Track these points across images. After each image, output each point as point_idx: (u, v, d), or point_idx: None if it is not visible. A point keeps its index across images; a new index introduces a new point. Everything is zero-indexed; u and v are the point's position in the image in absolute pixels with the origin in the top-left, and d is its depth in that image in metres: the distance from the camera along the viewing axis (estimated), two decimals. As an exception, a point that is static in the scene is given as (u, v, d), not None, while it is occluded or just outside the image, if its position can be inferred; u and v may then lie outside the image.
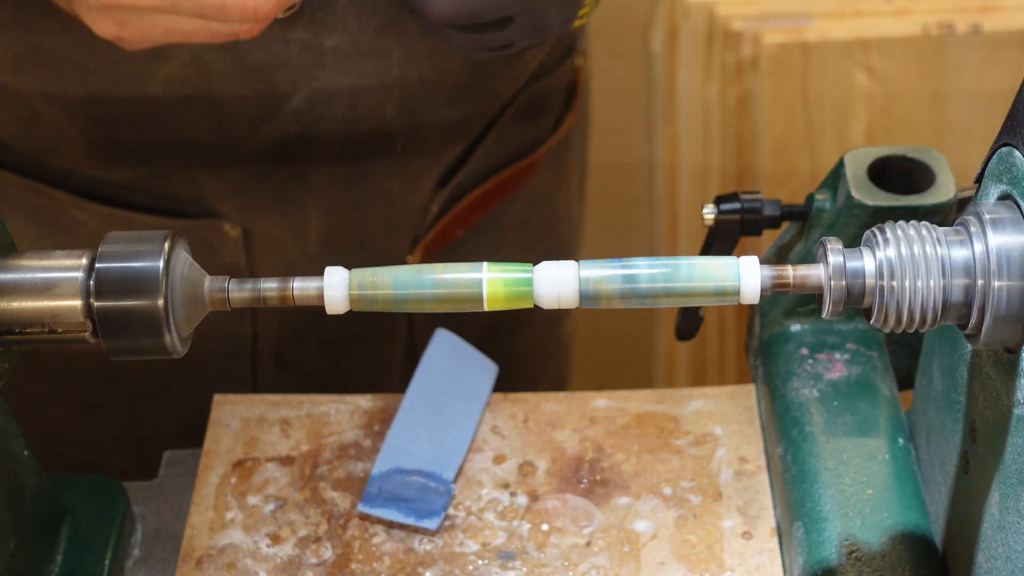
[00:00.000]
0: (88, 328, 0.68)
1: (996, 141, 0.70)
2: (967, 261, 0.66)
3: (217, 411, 0.96)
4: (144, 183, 1.06)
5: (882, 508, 0.82)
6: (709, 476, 0.91)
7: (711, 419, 0.95)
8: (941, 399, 0.79)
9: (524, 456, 0.93)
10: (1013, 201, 0.67)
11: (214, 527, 0.89)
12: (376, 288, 0.68)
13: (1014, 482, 0.68)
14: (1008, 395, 0.68)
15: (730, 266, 0.67)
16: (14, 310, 0.68)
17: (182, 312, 0.69)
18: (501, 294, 0.68)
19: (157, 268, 0.68)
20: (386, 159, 1.08)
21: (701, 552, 0.86)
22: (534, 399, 0.97)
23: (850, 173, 0.89)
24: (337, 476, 0.92)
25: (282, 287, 0.69)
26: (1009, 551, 0.69)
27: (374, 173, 1.10)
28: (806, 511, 0.83)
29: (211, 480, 0.92)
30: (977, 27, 1.56)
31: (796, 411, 0.88)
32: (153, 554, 0.90)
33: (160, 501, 0.93)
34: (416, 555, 0.87)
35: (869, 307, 0.68)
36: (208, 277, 0.70)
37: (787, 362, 0.92)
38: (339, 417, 0.96)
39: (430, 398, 0.95)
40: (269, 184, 1.07)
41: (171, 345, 0.68)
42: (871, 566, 0.79)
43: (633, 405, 0.96)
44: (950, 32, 1.56)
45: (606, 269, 0.68)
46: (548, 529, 0.88)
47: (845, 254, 0.67)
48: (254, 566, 0.87)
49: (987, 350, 0.70)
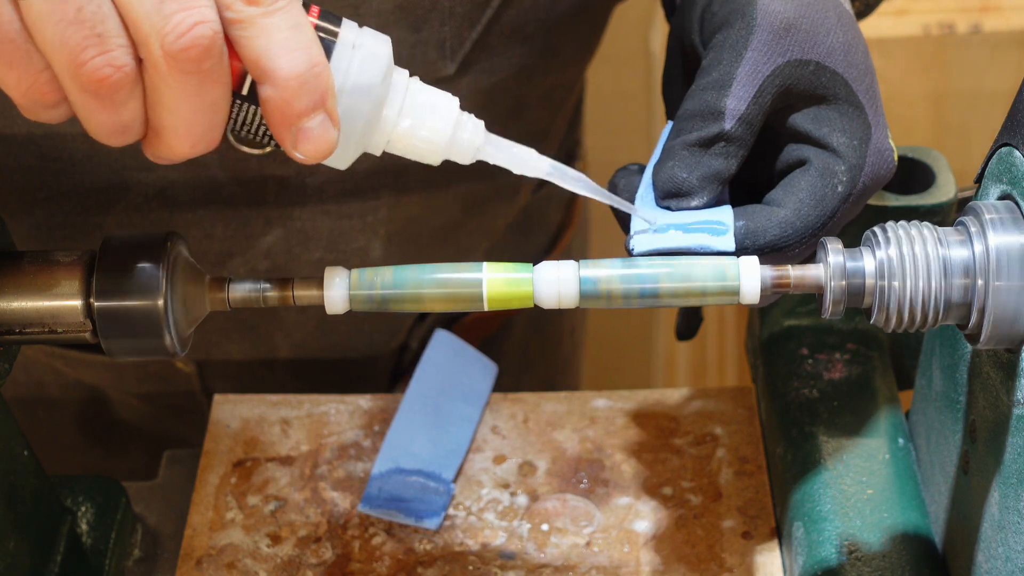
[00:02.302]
0: (88, 328, 0.68)
1: (996, 141, 0.70)
2: (967, 261, 0.66)
3: (217, 411, 0.96)
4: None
5: (882, 508, 0.82)
6: (709, 476, 0.91)
7: (711, 419, 0.95)
8: (941, 399, 0.79)
9: (524, 456, 0.93)
10: (1013, 201, 0.67)
11: (214, 527, 0.89)
12: (376, 288, 0.68)
13: (1014, 482, 0.68)
14: (1008, 395, 0.68)
15: (730, 266, 0.67)
16: (14, 310, 0.68)
17: (182, 312, 0.69)
18: (501, 294, 0.68)
19: (157, 268, 0.68)
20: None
21: (701, 552, 0.86)
22: (534, 399, 0.97)
23: (850, 173, 0.89)
24: (337, 476, 0.92)
25: (282, 287, 0.69)
26: (1009, 551, 0.69)
27: (351, 317, 1.07)
28: (806, 511, 0.83)
29: (211, 480, 0.92)
30: (977, 27, 1.56)
31: (796, 411, 0.88)
32: (153, 554, 0.90)
33: (160, 501, 0.93)
34: (416, 555, 0.87)
35: (869, 307, 0.68)
36: (208, 277, 0.70)
37: (787, 362, 0.92)
38: (339, 417, 0.96)
39: (430, 398, 0.95)
40: (238, 315, 1.03)
41: (171, 345, 0.68)
42: (871, 566, 0.79)
43: (633, 405, 0.96)
44: (950, 32, 1.56)
45: (606, 269, 0.68)
46: (548, 529, 0.88)
47: (845, 254, 0.67)
48: (254, 566, 0.87)
49: (987, 350, 0.70)
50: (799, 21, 0.72)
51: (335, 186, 0.98)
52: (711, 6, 0.74)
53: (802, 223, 0.71)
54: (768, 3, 0.72)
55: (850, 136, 0.72)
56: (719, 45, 0.72)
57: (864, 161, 0.72)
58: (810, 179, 0.72)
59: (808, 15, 0.72)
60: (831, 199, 0.72)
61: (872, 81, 0.74)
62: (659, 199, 0.72)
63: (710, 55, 0.73)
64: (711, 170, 0.72)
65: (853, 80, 0.73)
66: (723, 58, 0.72)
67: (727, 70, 0.71)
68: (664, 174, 0.72)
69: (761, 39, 0.71)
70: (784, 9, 0.71)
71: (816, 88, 0.72)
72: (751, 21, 0.71)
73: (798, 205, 0.71)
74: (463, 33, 0.94)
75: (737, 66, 0.71)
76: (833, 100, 0.72)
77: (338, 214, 0.99)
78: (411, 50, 0.93)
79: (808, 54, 0.72)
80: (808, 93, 0.72)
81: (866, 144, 0.72)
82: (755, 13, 0.71)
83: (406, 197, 1.00)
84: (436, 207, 1.02)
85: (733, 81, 0.71)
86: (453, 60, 0.94)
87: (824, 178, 0.72)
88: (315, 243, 1.00)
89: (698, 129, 0.72)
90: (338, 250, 1.01)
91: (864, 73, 0.73)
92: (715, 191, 0.72)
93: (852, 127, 0.72)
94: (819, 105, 0.73)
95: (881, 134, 0.74)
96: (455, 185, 1.03)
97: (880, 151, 0.73)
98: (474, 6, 0.94)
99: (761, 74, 0.71)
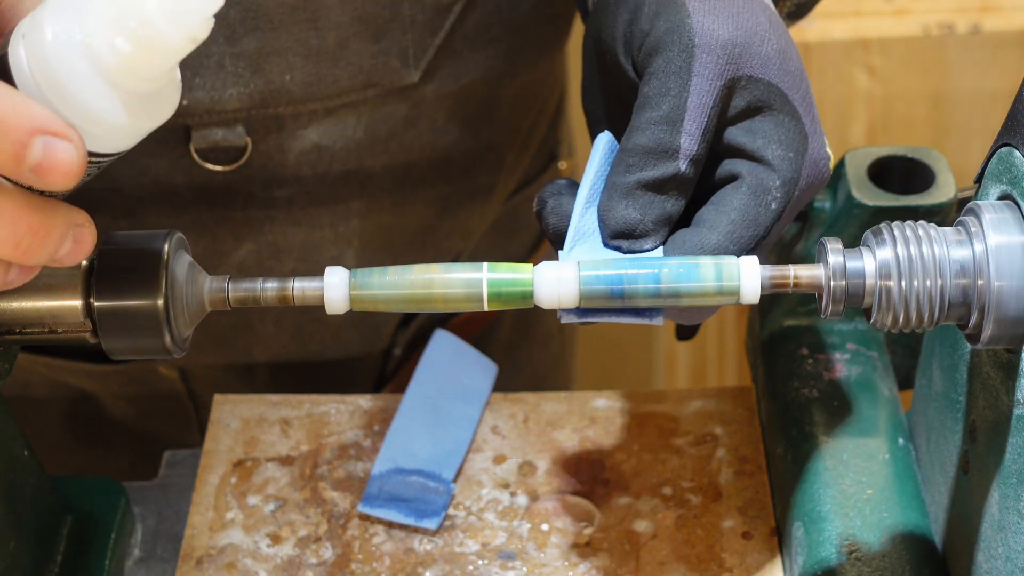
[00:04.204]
0: (88, 328, 0.68)
1: (996, 141, 0.70)
2: (967, 261, 0.66)
3: (217, 411, 0.96)
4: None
5: (882, 508, 0.82)
6: (709, 476, 0.91)
7: (711, 419, 0.95)
8: (941, 399, 0.79)
9: (524, 456, 0.93)
10: (1013, 201, 0.67)
11: (214, 527, 0.89)
12: (376, 288, 0.68)
13: (1014, 482, 0.68)
14: (1008, 395, 0.68)
15: (730, 266, 0.67)
16: (14, 310, 0.68)
17: (182, 312, 0.69)
18: (501, 294, 0.68)
19: (157, 268, 0.68)
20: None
21: (701, 552, 0.86)
22: (534, 399, 0.97)
23: (850, 173, 0.89)
24: (337, 476, 0.92)
25: (282, 287, 0.69)
26: (1009, 551, 0.69)
27: (326, 324, 1.05)
28: (806, 511, 0.83)
29: (211, 480, 0.92)
30: (977, 27, 1.56)
31: (796, 411, 0.88)
32: (153, 554, 0.90)
33: (160, 501, 0.93)
34: (416, 555, 0.87)
35: (869, 307, 0.68)
36: (209, 277, 0.70)
37: (787, 362, 0.92)
38: (339, 417, 0.96)
39: (430, 398, 0.95)
40: (210, 331, 1.02)
41: (171, 345, 0.68)
42: (871, 566, 0.79)
43: (633, 405, 0.96)
44: (950, 32, 1.56)
45: (606, 269, 0.68)
46: (548, 529, 0.88)
47: (845, 254, 0.67)
48: (254, 566, 0.87)
49: (987, 350, 0.70)
50: (735, 35, 0.69)
51: (304, 198, 0.97)
52: (637, 22, 0.71)
53: (736, 247, 0.69)
54: (702, 21, 0.68)
55: (786, 148, 0.70)
56: (661, 72, 0.69)
57: (799, 174, 0.70)
58: (742, 198, 0.69)
59: (743, 26, 0.69)
60: (764, 217, 0.69)
61: (806, 87, 0.71)
62: (608, 238, 0.70)
63: (653, 83, 0.69)
64: (664, 212, 0.69)
65: (788, 88, 0.70)
66: (669, 88, 0.69)
67: (675, 103, 0.68)
68: (616, 214, 0.69)
69: (703, 63, 0.68)
70: (720, 27, 0.68)
71: (751, 101, 0.70)
72: (689, 43, 0.68)
73: (730, 228, 0.69)
74: (426, 40, 0.94)
75: (685, 97, 0.68)
76: (768, 111, 0.70)
77: (309, 225, 0.99)
78: (372, 60, 0.92)
79: (744, 69, 0.69)
80: (743, 107, 0.70)
81: (802, 156, 0.70)
82: (692, 35, 0.68)
83: (376, 204, 1.00)
84: (407, 213, 1.02)
85: (684, 116, 0.68)
86: (417, 68, 0.94)
87: (757, 196, 0.69)
88: (287, 255, 1.00)
89: (651, 168, 0.69)
90: (311, 261, 1.00)
91: (799, 80, 0.71)
92: (666, 234, 0.70)
93: (788, 138, 0.70)
94: (753, 117, 0.70)
95: (817, 143, 0.71)
96: (424, 189, 1.02)
97: (816, 162, 0.70)
98: (436, 13, 0.93)
99: (706, 104, 0.68)
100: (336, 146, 0.95)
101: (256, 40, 0.90)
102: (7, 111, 0.56)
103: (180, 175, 0.94)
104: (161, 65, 0.59)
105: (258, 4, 0.89)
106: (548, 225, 0.72)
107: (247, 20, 0.89)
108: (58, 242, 0.60)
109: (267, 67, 0.91)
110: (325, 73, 0.92)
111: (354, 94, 0.94)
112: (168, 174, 0.94)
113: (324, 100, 0.93)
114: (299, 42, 0.90)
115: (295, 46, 0.91)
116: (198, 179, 0.94)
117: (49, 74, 0.58)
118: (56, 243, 0.60)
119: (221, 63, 0.90)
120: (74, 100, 0.58)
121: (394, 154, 0.98)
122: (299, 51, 0.91)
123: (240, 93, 0.91)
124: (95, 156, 0.60)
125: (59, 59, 0.58)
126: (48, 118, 0.57)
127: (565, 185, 0.73)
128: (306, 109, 0.93)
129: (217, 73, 0.90)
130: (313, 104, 0.93)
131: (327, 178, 0.96)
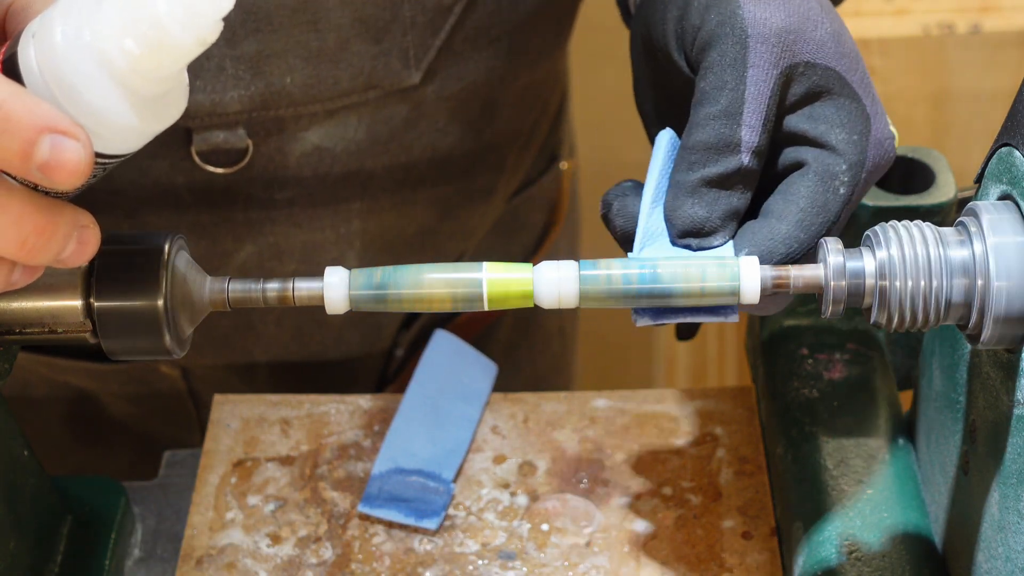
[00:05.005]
0: (88, 328, 0.68)
1: (996, 141, 0.70)
2: (967, 261, 0.66)
3: (217, 411, 0.96)
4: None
5: (882, 508, 0.82)
6: (709, 476, 0.91)
7: (711, 419, 0.95)
8: (941, 399, 0.79)
9: (524, 456, 0.93)
10: (1013, 201, 0.67)
11: (214, 527, 0.89)
12: (376, 288, 0.68)
13: (1014, 482, 0.68)
14: (1008, 395, 0.68)
15: (730, 266, 0.67)
16: (14, 310, 0.68)
17: (182, 312, 0.69)
18: (501, 294, 0.68)
19: (157, 269, 0.68)
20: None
21: (701, 552, 0.86)
22: (534, 399, 0.97)
23: (850, 173, 0.89)
24: (337, 476, 0.92)
25: (282, 287, 0.69)
26: (1009, 551, 0.69)
27: (328, 324, 1.05)
28: (806, 511, 0.83)
29: (211, 480, 0.92)
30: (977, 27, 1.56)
31: (796, 411, 0.88)
32: (153, 554, 0.90)
33: (160, 501, 0.93)
34: (416, 555, 0.87)
35: (869, 307, 0.68)
36: (209, 278, 0.70)
37: (787, 362, 0.92)
38: (339, 417, 0.96)
39: (430, 398, 0.95)
40: (211, 331, 1.02)
41: (171, 346, 0.68)
42: (871, 566, 0.79)
43: (633, 405, 0.96)
44: (950, 32, 1.56)
45: (606, 269, 0.68)
46: (548, 529, 0.88)
47: (845, 254, 0.67)
48: (254, 566, 0.87)
49: (987, 350, 0.70)
50: (788, 22, 0.68)
51: (305, 199, 0.97)
52: (688, 17, 0.71)
53: (807, 235, 0.69)
54: (754, 11, 0.68)
55: (849, 131, 0.70)
56: (716, 66, 0.69)
57: (865, 156, 0.70)
58: (809, 185, 0.69)
59: (795, 12, 0.69)
60: (833, 203, 0.69)
61: (863, 68, 0.71)
62: (676, 237, 0.70)
63: (709, 78, 0.69)
64: (731, 207, 0.69)
65: (846, 71, 0.70)
66: (726, 81, 0.68)
67: (734, 96, 0.68)
68: (683, 213, 0.69)
69: (758, 53, 0.68)
70: (772, 15, 0.68)
71: (810, 87, 0.70)
72: (742, 34, 0.68)
73: (800, 216, 0.69)
74: (426, 41, 0.94)
75: (743, 89, 0.68)
76: (827, 95, 0.70)
77: (310, 227, 0.99)
78: (373, 61, 0.92)
79: (800, 55, 0.69)
80: (803, 93, 0.70)
81: (866, 137, 0.70)
82: (744, 25, 0.68)
83: (377, 205, 0.99)
84: (408, 214, 1.02)
85: (744, 108, 0.68)
86: (418, 69, 0.94)
87: (824, 182, 0.69)
88: (288, 257, 1.00)
89: (714, 164, 0.69)
90: (312, 262, 1.00)
91: (855, 61, 0.70)
92: (735, 228, 0.70)
93: (851, 121, 0.70)
94: (814, 103, 0.70)
95: (880, 123, 0.71)
96: (425, 190, 1.02)
97: (880, 142, 0.70)
98: (436, 14, 0.93)
99: (765, 95, 0.68)
100: (337, 148, 0.95)
101: (256, 42, 0.90)
102: (16, 109, 0.56)
103: (181, 177, 0.94)
104: (170, 67, 0.59)
105: (258, 6, 0.89)
106: (615, 228, 0.72)
107: (247, 22, 0.89)
108: (63, 243, 0.60)
109: (268, 69, 0.91)
110: (326, 75, 0.92)
111: (355, 95, 0.94)
112: (169, 176, 0.94)
113: (325, 102, 0.93)
114: (299, 44, 0.90)
115: (295, 48, 0.91)
116: (199, 181, 0.94)
117: (58, 74, 0.58)
118: (61, 244, 0.60)
119: (222, 65, 0.90)
120: (82, 100, 0.58)
121: (395, 155, 0.98)
122: (300, 53, 0.91)
123: (241, 95, 0.91)
124: (102, 157, 0.60)
125: (68, 59, 0.58)
126: (56, 117, 0.57)
127: (630, 187, 0.73)
128: (307, 111, 0.93)
129: (218, 75, 0.90)
130: (314, 106, 0.93)
131: (328, 179, 0.96)
